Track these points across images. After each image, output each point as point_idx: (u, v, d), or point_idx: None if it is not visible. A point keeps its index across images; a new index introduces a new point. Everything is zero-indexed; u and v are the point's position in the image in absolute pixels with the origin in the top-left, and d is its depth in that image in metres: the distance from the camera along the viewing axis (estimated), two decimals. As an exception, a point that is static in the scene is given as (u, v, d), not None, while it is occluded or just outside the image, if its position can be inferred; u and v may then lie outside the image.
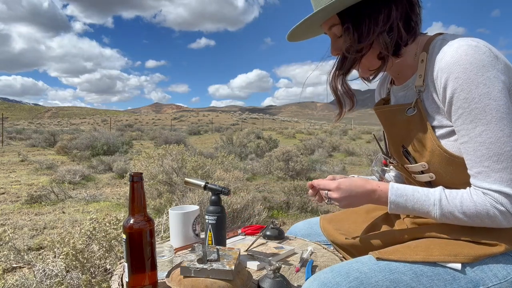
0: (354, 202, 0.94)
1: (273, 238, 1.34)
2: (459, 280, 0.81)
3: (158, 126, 46.72)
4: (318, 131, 30.22)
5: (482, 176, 0.80)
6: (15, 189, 6.04)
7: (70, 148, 11.24)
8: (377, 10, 0.87)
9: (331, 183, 0.96)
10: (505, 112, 0.77)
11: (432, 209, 0.85)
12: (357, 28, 0.90)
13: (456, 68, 0.79)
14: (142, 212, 0.93)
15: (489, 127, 0.77)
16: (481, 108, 0.78)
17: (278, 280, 0.91)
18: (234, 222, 3.32)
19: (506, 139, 0.77)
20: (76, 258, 2.01)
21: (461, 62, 0.79)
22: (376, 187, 0.92)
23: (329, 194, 0.96)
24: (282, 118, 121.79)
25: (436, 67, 0.85)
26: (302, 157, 7.93)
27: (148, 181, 4.52)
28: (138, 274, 0.92)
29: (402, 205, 0.88)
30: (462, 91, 0.79)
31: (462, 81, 0.79)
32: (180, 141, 12.50)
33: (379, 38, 0.89)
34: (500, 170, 0.78)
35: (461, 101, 0.80)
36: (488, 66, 0.78)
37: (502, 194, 0.78)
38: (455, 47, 0.81)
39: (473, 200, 0.81)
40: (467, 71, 0.78)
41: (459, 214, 0.82)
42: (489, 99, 0.77)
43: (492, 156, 0.78)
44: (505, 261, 0.83)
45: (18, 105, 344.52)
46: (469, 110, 0.79)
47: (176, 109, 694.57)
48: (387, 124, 1.04)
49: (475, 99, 0.78)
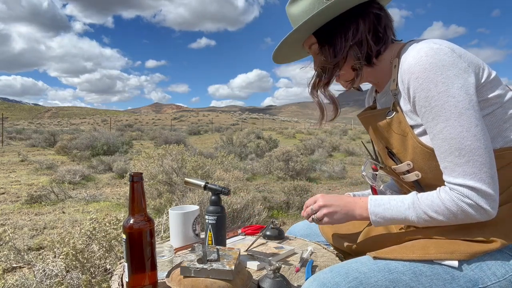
0: (337, 212, 0.98)
1: (273, 238, 1.35)
2: (458, 279, 0.81)
3: (158, 126, 46.73)
4: (318, 131, 30.21)
5: (448, 171, 0.83)
6: (15, 189, 6.04)
7: (70, 148, 11.24)
8: (347, 26, 0.95)
9: (315, 197, 1.04)
10: (464, 107, 0.79)
11: (408, 213, 0.88)
12: (331, 45, 0.97)
13: (417, 68, 0.83)
14: (142, 212, 0.93)
15: (449, 123, 0.80)
16: (440, 105, 0.81)
17: (278, 280, 0.91)
18: (234, 222, 3.32)
19: (466, 134, 0.79)
20: (76, 258, 2.01)
21: (421, 63, 0.83)
22: (358, 199, 0.98)
23: (315, 206, 1.01)
24: (282, 118, 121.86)
25: (401, 69, 0.89)
26: (302, 157, 7.93)
27: (148, 181, 4.52)
28: (138, 274, 0.92)
29: (381, 215, 0.91)
30: (422, 90, 0.83)
31: (422, 80, 0.82)
32: (180, 141, 12.50)
33: (351, 51, 0.96)
34: (462, 164, 0.80)
35: (422, 100, 0.83)
36: (448, 65, 0.81)
37: (466, 188, 0.80)
38: (417, 49, 0.85)
39: (441, 197, 0.84)
40: (426, 71, 0.82)
41: (432, 213, 0.84)
42: (448, 96, 0.80)
43: (454, 151, 0.80)
44: (503, 259, 0.84)
45: (18, 105, 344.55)
46: (430, 108, 0.82)
47: (176, 109, 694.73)
48: (371, 129, 1.07)
49: (435, 97, 0.81)
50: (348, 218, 0.98)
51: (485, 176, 0.79)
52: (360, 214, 0.95)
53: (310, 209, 1.02)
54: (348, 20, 0.95)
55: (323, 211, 0.99)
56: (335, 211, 0.98)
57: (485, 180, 0.79)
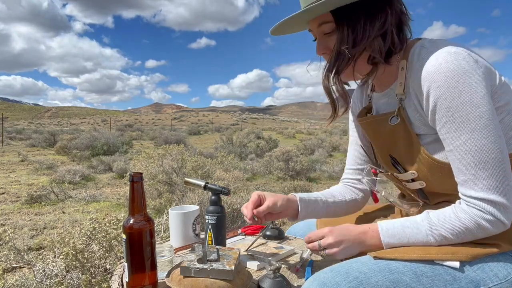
0: (349, 247, 0.91)
1: (273, 238, 1.34)
2: (460, 280, 0.80)
3: (158, 126, 46.72)
4: (318, 131, 30.21)
5: (469, 184, 0.79)
6: (15, 189, 6.04)
7: (70, 148, 11.24)
8: (373, 13, 0.86)
9: (323, 230, 0.94)
10: (489, 118, 0.76)
11: (428, 239, 0.84)
12: (352, 29, 0.86)
13: (437, 76, 0.79)
14: (142, 212, 0.93)
15: (474, 135, 0.77)
16: (465, 116, 0.77)
17: (278, 280, 0.91)
18: (234, 222, 3.32)
19: (491, 146, 0.76)
20: (76, 258, 2.01)
21: (441, 70, 0.78)
22: (367, 229, 0.91)
23: (323, 241, 0.92)
24: (282, 118, 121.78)
25: (417, 76, 0.84)
26: (302, 157, 7.93)
27: (148, 181, 4.52)
28: (138, 274, 0.92)
29: (398, 244, 0.87)
30: (444, 100, 0.78)
31: (444, 89, 0.78)
32: (180, 141, 12.50)
33: (374, 41, 0.87)
34: (486, 178, 0.77)
35: (444, 110, 0.79)
36: (469, 72, 0.77)
37: (488, 202, 0.78)
38: (435, 55, 0.81)
39: (461, 219, 0.80)
40: (448, 78, 0.77)
41: (452, 237, 0.82)
42: (472, 106, 0.76)
43: (478, 164, 0.77)
44: (506, 260, 0.83)
45: (18, 105, 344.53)
46: (452, 119, 0.78)
47: (176, 109, 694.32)
48: (372, 135, 1.03)
49: (458, 107, 0.77)
50: (361, 249, 0.92)
51: (506, 189, 0.77)
52: (373, 244, 0.90)
53: (317, 244, 0.94)
54: (377, 6, 0.85)
55: (333, 249, 0.92)
56: (346, 247, 0.91)
57: (505, 193, 0.77)
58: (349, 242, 0.91)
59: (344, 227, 0.93)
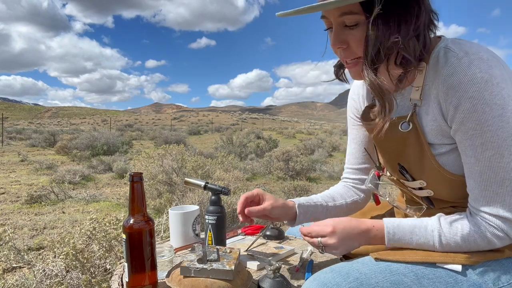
0: (350, 246, 0.90)
1: (273, 238, 1.34)
2: (461, 283, 0.80)
3: (158, 126, 46.73)
4: (318, 131, 30.21)
5: (486, 200, 0.78)
6: (15, 189, 6.04)
7: (70, 148, 11.24)
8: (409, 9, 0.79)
9: (325, 228, 0.89)
10: None
11: (434, 248, 0.84)
12: (386, 24, 0.78)
13: (470, 87, 0.74)
14: (142, 212, 0.93)
15: (499, 151, 0.75)
16: (494, 131, 0.74)
17: (278, 280, 0.91)
18: (234, 222, 3.32)
19: None
20: (76, 258, 2.01)
21: (475, 80, 0.74)
22: (371, 226, 0.89)
23: (324, 240, 0.89)
24: (282, 118, 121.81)
25: (445, 84, 0.78)
26: (302, 157, 7.93)
27: (148, 181, 4.52)
28: (138, 274, 0.92)
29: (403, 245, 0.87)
30: (475, 112, 0.75)
31: (476, 101, 0.74)
32: (180, 141, 12.51)
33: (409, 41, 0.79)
34: (504, 195, 0.76)
35: (473, 122, 0.76)
36: (501, 82, 0.74)
37: (503, 220, 0.77)
38: (466, 62, 0.75)
39: (474, 235, 0.80)
40: (481, 90, 0.73)
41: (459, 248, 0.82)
42: (502, 121, 0.74)
43: (499, 181, 0.76)
44: (508, 264, 0.83)
45: (18, 105, 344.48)
46: (481, 133, 0.75)
47: (176, 109, 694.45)
48: (378, 138, 0.95)
49: (488, 121, 0.74)
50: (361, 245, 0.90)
51: None
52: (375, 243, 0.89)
53: (318, 241, 0.91)
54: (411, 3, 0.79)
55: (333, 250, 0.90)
56: (347, 246, 0.90)
57: None
58: (350, 241, 0.89)
59: (346, 224, 0.90)
